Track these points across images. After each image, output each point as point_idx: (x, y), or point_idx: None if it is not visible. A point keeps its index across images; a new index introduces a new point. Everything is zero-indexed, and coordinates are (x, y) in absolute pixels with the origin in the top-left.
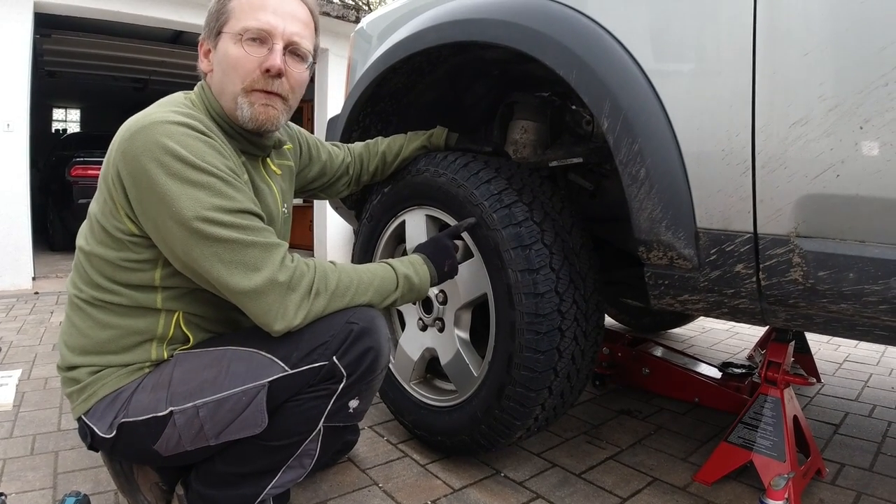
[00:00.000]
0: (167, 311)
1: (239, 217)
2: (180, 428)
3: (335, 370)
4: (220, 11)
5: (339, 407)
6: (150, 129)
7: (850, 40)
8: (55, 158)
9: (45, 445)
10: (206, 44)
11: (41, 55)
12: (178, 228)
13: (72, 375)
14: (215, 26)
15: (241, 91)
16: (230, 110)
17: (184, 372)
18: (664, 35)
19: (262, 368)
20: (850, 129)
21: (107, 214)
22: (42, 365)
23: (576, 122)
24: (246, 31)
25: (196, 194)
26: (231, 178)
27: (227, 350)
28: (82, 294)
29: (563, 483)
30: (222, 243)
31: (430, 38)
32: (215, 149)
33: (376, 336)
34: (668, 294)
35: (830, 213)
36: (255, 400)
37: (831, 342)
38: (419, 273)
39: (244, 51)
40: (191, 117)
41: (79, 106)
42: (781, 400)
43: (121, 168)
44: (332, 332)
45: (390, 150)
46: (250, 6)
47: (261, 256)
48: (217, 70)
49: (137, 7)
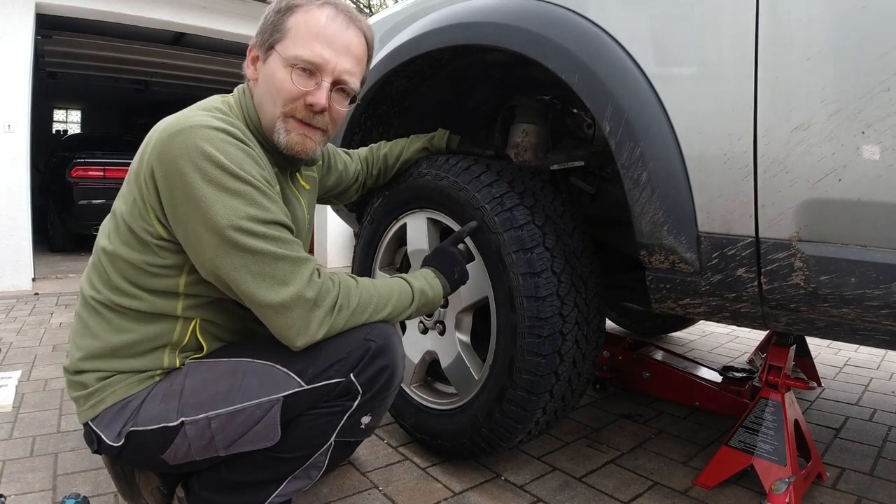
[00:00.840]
0: (185, 319)
1: (272, 228)
2: (191, 439)
3: (351, 387)
4: (276, 25)
5: (352, 423)
6: (189, 133)
7: (852, 45)
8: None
9: (45, 447)
10: (256, 51)
11: (42, 56)
12: (210, 235)
13: (79, 379)
14: (269, 40)
15: (280, 115)
16: (267, 127)
17: (196, 382)
18: (666, 39)
19: (278, 383)
20: (852, 133)
21: (135, 215)
22: (42, 366)
23: (577, 126)
24: (297, 60)
25: (231, 202)
26: (266, 188)
27: (242, 362)
28: (99, 296)
29: (563, 487)
30: (253, 254)
31: (432, 42)
32: (253, 158)
33: (393, 354)
34: (669, 298)
35: (832, 218)
36: (269, 414)
37: (832, 346)
38: (433, 287)
39: (291, 79)
40: (230, 124)
41: (80, 107)
42: (782, 404)
43: (156, 168)
44: (349, 349)
45: (392, 154)
46: (308, 32)
47: (290, 270)
48: (262, 84)
49: (138, 9)
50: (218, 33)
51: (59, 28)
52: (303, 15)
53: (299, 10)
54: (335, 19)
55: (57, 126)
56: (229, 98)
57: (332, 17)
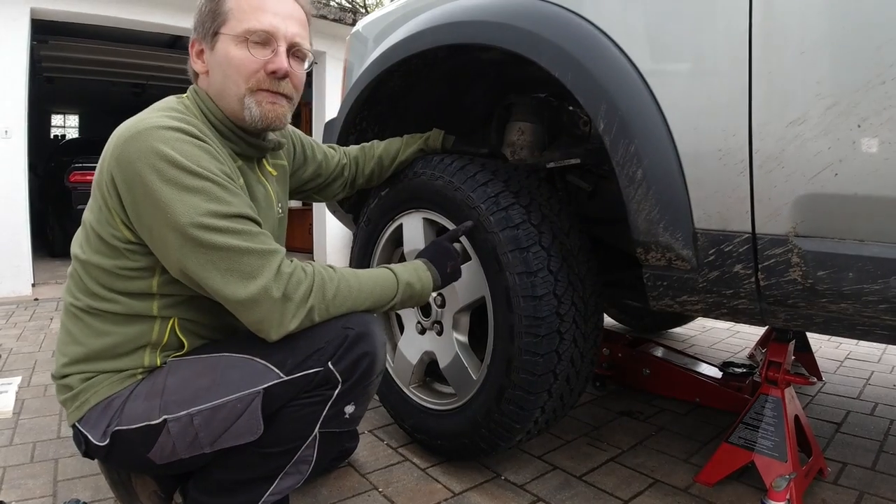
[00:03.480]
0: (163, 318)
1: (235, 222)
2: (175, 436)
3: (330, 376)
4: (215, 12)
5: (335, 413)
6: (144, 135)
7: (847, 38)
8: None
9: (45, 453)
10: (200, 44)
11: (39, 61)
12: (174, 235)
13: (64, 382)
14: (211, 27)
15: (246, 91)
16: (234, 112)
17: (178, 380)
18: (660, 35)
19: (257, 375)
20: (848, 127)
21: (102, 222)
22: (42, 372)
23: (573, 124)
24: (250, 32)
25: (191, 200)
26: (226, 181)
27: (222, 357)
28: (79, 302)
29: (564, 486)
30: (217, 250)
31: (427, 41)
32: (210, 153)
33: (372, 341)
34: (666, 295)
35: (829, 213)
36: (251, 407)
37: (832, 340)
38: (421, 278)
39: (248, 53)
40: (185, 122)
41: (77, 111)
42: (782, 400)
43: (115, 174)
44: (328, 338)
45: (387, 154)
46: (250, 7)
47: (257, 263)
48: (216, 72)
49: (135, 12)
50: None
51: (55, 33)
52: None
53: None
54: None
55: (55, 131)
56: (184, 98)
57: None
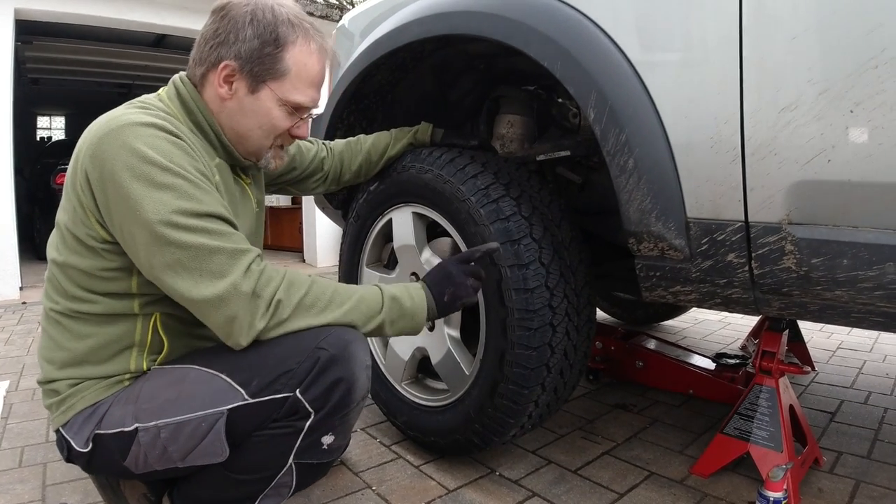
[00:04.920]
0: (144, 316)
1: (206, 221)
2: (145, 447)
3: (299, 405)
4: (270, 59)
5: (311, 444)
6: (117, 132)
7: (838, 23)
8: (40, 166)
9: (34, 457)
10: (237, 74)
11: (23, 63)
12: (142, 232)
13: (51, 387)
14: (259, 71)
15: (270, 145)
16: (244, 149)
17: (151, 388)
18: (649, 23)
19: (222, 394)
20: (841, 113)
21: (77, 222)
22: (30, 376)
23: (562, 116)
24: (298, 106)
25: (161, 196)
26: (199, 179)
27: (192, 370)
28: (58, 306)
29: (559, 480)
30: (185, 249)
31: (413, 33)
32: (184, 150)
33: (348, 365)
34: (659, 286)
35: (823, 199)
36: (215, 428)
37: (824, 330)
38: (413, 297)
39: (285, 115)
40: (159, 118)
41: (63, 113)
42: (777, 389)
43: (89, 172)
44: (299, 359)
45: (375, 149)
46: (308, 78)
47: (226, 262)
48: (246, 113)
49: (119, 11)
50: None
51: (40, 33)
52: (300, 54)
53: (294, 48)
54: (321, 59)
55: (41, 133)
56: (163, 95)
57: (321, 58)
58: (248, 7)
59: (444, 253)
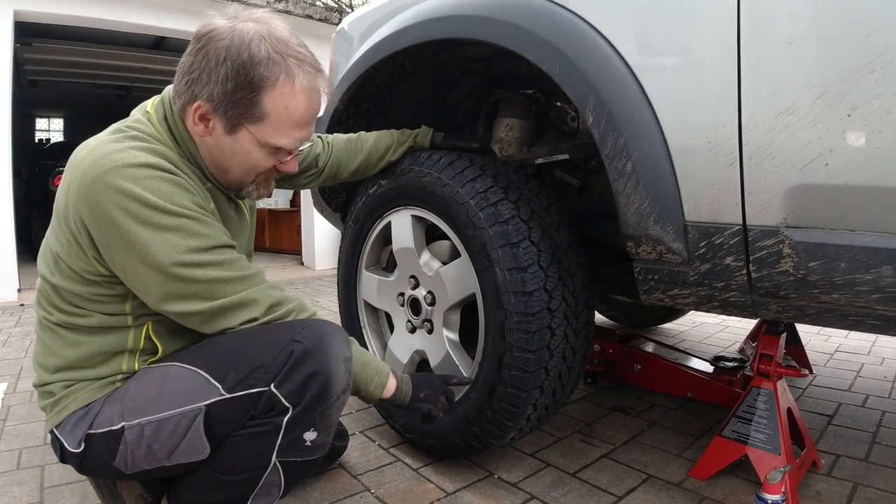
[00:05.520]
0: (137, 327)
1: (214, 254)
2: (131, 445)
3: (275, 400)
4: (247, 102)
5: (292, 441)
6: (112, 175)
7: (836, 27)
8: (39, 168)
9: (32, 460)
10: (211, 115)
11: (22, 64)
12: (154, 275)
13: (46, 389)
14: (234, 115)
15: (250, 181)
16: (227, 181)
17: (136, 386)
18: (647, 28)
19: (199, 390)
20: (838, 117)
21: (72, 256)
22: (27, 378)
23: (561, 119)
24: (278, 150)
25: (169, 238)
26: (200, 214)
27: (173, 367)
28: (52, 317)
29: (557, 483)
30: (199, 283)
31: (412, 37)
32: (181, 186)
33: (324, 358)
34: (657, 289)
35: (820, 203)
36: (194, 424)
37: (821, 333)
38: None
39: (267, 156)
40: (153, 152)
41: (62, 115)
42: (775, 392)
43: (84, 215)
44: (274, 353)
45: (376, 150)
46: (289, 121)
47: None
48: (224, 152)
49: (118, 13)
50: None
51: (39, 35)
52: (280, 97)
53: (273, 91)
54: (311, 95)
55: (39, 135)
56: (150, 111)
57: (308, 97)
58: (224, 42)
59: (442, 256)
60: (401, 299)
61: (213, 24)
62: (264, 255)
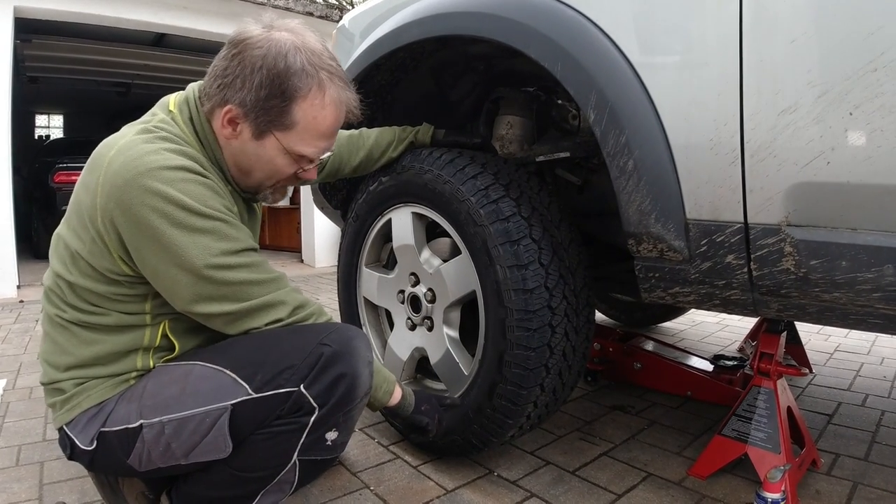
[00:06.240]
0: (153, 325)
1: (243, 256)
2: (149, 443)
3: (303, 401)
4: (278, 111)
5: (315, 440)
6: (146, 177)
7: (838, 26)
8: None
9: (31, 456)
10: (241, 119)
11: (22, 61)
12: (187, 276)
13: (56, 387)
14: (264, 122)
15: (270, 185)
16: (245, 183)
17: (155, 384)
18: (650, 25)
19: (225, 390)
20: (840, 115)
21: (95, 255)
22: (27, 374)
23: (562, 117)
24: (302, 157)
25: (203, 241)
26: (230, 217)
27: (196, 366)
28: (66, 315)
29: (557, 481)
30: (230, 285)
31: (413, 33)
32: (213, 189)
33: (351, 361)
34: (658, 287)
35: (822, 201)
36: (218, 424)
37: (821, 332)
38: (387, 378)
39: (291, 163)
40: (184, 155)
41: (62, 111)
42: (775, 391)
43: (116, 217)
44: (303, 355)
45: (378, 146)
46: (317, 132)
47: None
48: (249, 156)
49: (119, 10)
50: (199, 33)
51: (39, 32)
52: (310, 108)
53: (305, 101)
54: (339, 108)
55: (39, 131)
56: (174, 109)
57: (335, 111)
58: (262, 51)
59: (443, 253)
60: (401, 296)
61: (250, 32)
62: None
